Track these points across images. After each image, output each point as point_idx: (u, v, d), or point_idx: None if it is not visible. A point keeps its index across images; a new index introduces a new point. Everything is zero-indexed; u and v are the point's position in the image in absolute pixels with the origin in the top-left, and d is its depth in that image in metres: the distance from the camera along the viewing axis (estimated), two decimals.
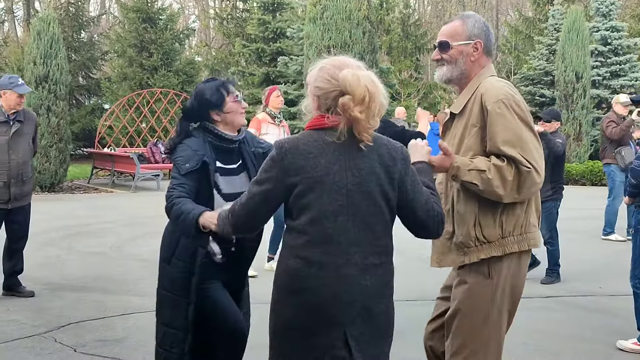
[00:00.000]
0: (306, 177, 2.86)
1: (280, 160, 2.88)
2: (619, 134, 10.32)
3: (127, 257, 9.52)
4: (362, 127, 2.85)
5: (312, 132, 2.94)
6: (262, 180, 2.92)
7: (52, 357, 5.50)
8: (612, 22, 23.38)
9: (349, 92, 2.84)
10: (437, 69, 3.59)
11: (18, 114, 7.16)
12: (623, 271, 8.68)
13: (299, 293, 2.90)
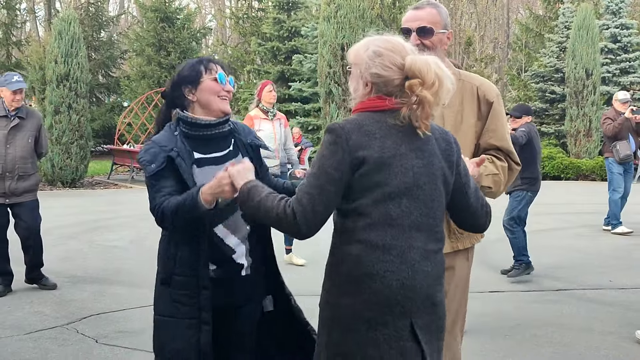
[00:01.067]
0: (374, 157, 2.60)
1: (345, 141, 2.60)
2: (612, 131, 10.61)
3: (146, 251, 9.53)
4: (426, 112, 2.65)
5: (371, 113, 2.69)
6: (331, 167, 2.59)
7: (74, 347, 5.53)
8: (621, 19, 23.23)
9: (419, 77, 2.65)
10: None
11: (20, 111, 7.17)
12: (632, 264, 8.70)
13: (362, 280, 2.61)
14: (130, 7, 45.19)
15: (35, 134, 7.31)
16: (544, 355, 5.45)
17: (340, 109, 19.27)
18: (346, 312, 2.64)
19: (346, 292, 2.64)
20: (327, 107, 20.01)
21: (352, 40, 18.48)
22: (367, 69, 2.73)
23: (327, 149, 2.62)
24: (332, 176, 2.59)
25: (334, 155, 2.60)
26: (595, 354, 5.47)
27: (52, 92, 16.68)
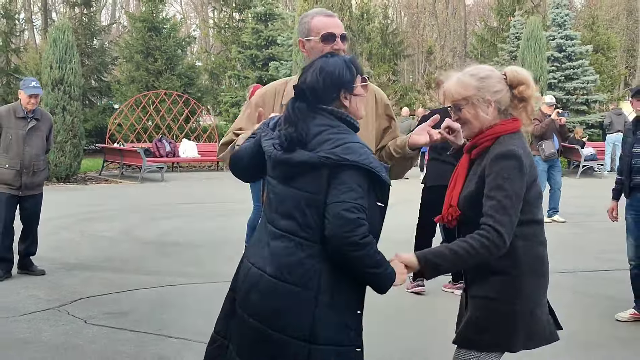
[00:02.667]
0: (534, 174, 2.83)
1: (524, 166, 2.74)
2: (539, 131, 10.81)
3: (133, 240, 9.52)
4: (532, 109, 2.89)
5: (518, 134, 2.85)
6: (520, 189, 2.74)
7: (64, 327, 5.52)
8: (566, 31, 23.49)
9: (525, 83, 2.85)
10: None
11: (35, 112, 7.26)
12: (565, 250, 8.81)
13: (544, 274, 2.91)
14: (121, 17, 44.85)
15: (47, 134, 7.43)
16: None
17: None
18: (533, 303, 2.87)
19: (535, 285, 2.88)
20: None
21: None
22: (485, 92, 2.82)
23: (513, 174, 2.72)
24: (520, 197, 2.73)
25: (520, 179, 2.73)
26: None
27: (47, 95, 16.49)
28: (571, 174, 19.43)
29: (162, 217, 11.38)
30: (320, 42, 3.27)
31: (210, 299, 6.23)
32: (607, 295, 6.71)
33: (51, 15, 35.20)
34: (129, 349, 5.03)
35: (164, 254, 8.50)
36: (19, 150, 7.10)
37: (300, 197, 2.56)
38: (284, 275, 2.54)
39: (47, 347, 5.05)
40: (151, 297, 6.48)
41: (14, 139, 7.11)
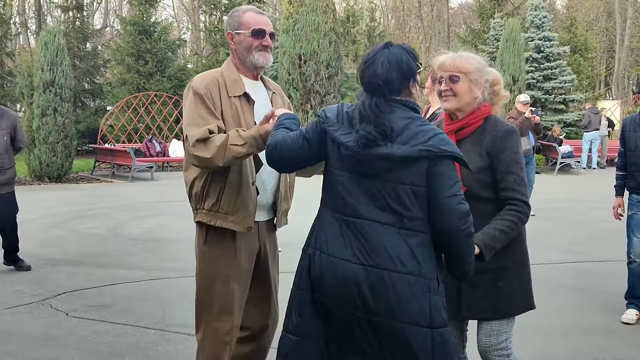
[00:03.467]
0: None
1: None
2: None
3: (120, 236, 9.55)
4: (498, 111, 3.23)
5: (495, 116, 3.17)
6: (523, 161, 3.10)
7: (46, 320, 5.56)
8: (544, 32, 23.58)
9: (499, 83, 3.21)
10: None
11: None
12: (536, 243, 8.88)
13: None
14: (114, 20, 44.76)
15: (11, 132, 7.20)
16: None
17: (299, 111, 19.29)
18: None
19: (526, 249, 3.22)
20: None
21: (309, 50, 18.57)
22: (483, 75, 3.05)
23: (519, 148, 3.02)
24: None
25: (521, 151, 3.06)
26: None
27: (39, 97, 16.49)
28: (549, 170, 19.56)
29: (148, 215, 11.40)
30: (250, 37, 3.31)
31: (188, 292, 6.31)
32: (576, 287, 6.79)
33: (46, 19, 35.11)
34: (107, 339, 5.07)
35: (148, 249, 8.54)
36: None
37: (401, 189, 2.55)
38: (398, 266, 2.53)
39: (28, 338, 5.09)
40: (132, 291, 6.52)
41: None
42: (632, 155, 5.53)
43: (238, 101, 3.30)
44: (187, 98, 3.30)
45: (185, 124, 3.26)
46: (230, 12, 3.46)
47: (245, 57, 3.34)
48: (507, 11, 30.28)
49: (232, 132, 3.10)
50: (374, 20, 42.76)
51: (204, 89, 3.26)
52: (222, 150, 3.05)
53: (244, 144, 3.04)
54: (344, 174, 2.64)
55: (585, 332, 5.29)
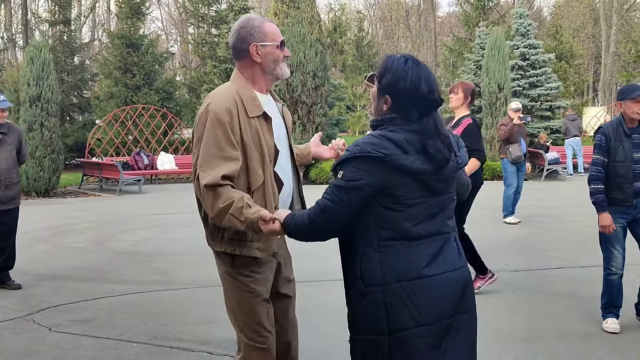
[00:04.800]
0: None
1: None
2: (503, 135, 11.06)
3: (105, 250, 9.55)
4: None
5: None
6: None
7: (29, 335, 5.56)
8: (529, 40, 23.78)
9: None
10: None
11: (2, 127, 7.12)
12: (524, 250, 8.97)
13: None
14: (101, 34, 44.78)
15: (17, 146, 7.28)
16: None
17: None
18: None
19: None
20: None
21: (295, 61, 18.62)
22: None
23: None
24: None
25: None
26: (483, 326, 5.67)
27: (25, 111, 16.51)
28: (536, 177, 19.65)
29: (135, 228, 11.41)
30: (277, 48, 3.21)
31: (171, 305, 6.34)
32: (557, 292, 6.84)
33: (33, 34, 35.07)
34: (89, 353, 5.08)
35: (133, 263, 8.54)
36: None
37: (453, 198, 2.77)
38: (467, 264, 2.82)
39: (9, 354, 5.09)
40: (116, 305, 6.53)
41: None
42: (621, 167, 5.36)
43: (257, 121, 3.12)
44: (204, 123, 3.03)
45: (202, 154, 3.00)
46: (241, 23, 3.23)
47: (273, 69, 3.21)
48: (493, 19, 30.49)
49: (239, 201, 2.91)
50: (362, 30, 42.90)
51: (225, 114, 3.03)
52: (223, 214, 2.94)
53: (243, 222, 2.92)
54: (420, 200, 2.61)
55: (565, 338, 5.34)
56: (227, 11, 29.44)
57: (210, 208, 2.97)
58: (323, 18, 34.55)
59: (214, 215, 2.97)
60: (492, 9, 31.13)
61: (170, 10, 58.82)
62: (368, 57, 41.12)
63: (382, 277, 2.57)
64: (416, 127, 2.59)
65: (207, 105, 3.05)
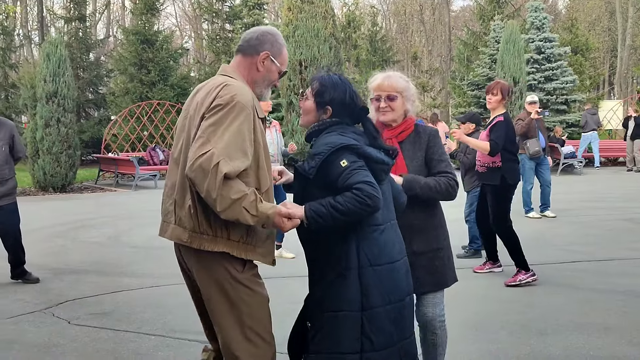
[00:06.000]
0: None
1: None
2: (520, 130, 10.60)
3: (122, 245, 9.63)
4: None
5: None
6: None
7: (49, 328, 5.63)
8: (545, 33, 23.66)
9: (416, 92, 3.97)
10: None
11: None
12: (543, 244, 8.95)
13: None
14: (116, 30, 44.97)
15: (9, 142, 7.13)
16: (456, 320, 5.64)
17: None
18: None
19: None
20: (289, 115, 20.14)
21: (309, 56, 18.66)
22: (409, 93, 3.71)
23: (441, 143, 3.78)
24: None
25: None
26: (500, 318, 5.68)
27: (42, 108, 16.63)
28: (552, 171, 19.54)
29: (150, 223, 11.43)
30: (277, 74, 3.23)
31: (188, 298, 6.37)
32: (573, 286, 6.83)
33: (49, 30, 35.28)
34: (108, 346, 5.14)
35: (149, 257, 8.61)
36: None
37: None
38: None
39: (30, 346, 5.16)
40: (133, 298, 6.59)
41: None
42: None
43: (260, 122, 3.10)
44: (230, 111, 2.90)
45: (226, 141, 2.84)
46: (271, 31, 3.23)
47: (260, 85, 3.20)
48: (508, 13, 30.33)
49: (252, 194, 2.85)
50: (375, 25, 42.76)
51: (250, 110, 2.98)
52: (236, 206, 2.80)
53: (255, 217, 2.85)
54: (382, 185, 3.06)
55: (582, 331, 5.33)
56: (241, 7, 29.46)
57: (220, 198, 2.77)
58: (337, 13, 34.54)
59: (224, 205, 2.78)
60: (507, 2, 30.95)
61: (184, 6, 58.98)
62: (382, 51, 40.94)
63: (359, 261, 2.95)
64: (357, 130, 3.12)
65: (233, 96, 2.93)
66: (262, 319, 3.07)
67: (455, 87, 28.65)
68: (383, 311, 2.95)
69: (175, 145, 3.15)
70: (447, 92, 38.73)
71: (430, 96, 42.19)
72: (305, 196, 3.01)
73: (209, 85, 3.08)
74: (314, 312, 3.05)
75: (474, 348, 4.97)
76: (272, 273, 3.77)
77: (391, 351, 2.97)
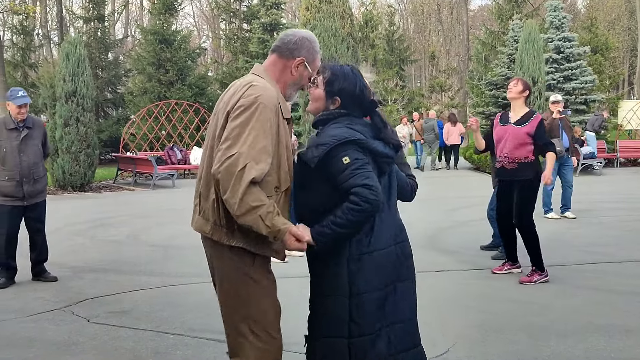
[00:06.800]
0: None
1: None
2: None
3: (140, 243, 9.67)
4: None
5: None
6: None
7: (68, 326, 5.66)
8: (564, 33, 23.46)
9: None
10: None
11: (27, 121, 7.21)
12: (561, 245, 8.88)
13: None
14: (134, 30, 45.23)
15: (42, 139, 7.39)
16: (475, 321, 5.62)
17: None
18: None
19: None
20: (306, 115, 20.16)
21: (327, 56, 18.63)
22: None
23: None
24: None
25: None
26: (519, 320, 5.65)
27: (61, 107, 16.75)
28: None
29: (169, 222, 11.53)
30: (308, 80, 3.23)
31: (207, 297, 6.39)
32: (594, 287, 6.77)
33: (68, 30, 35.57)
34: (127, 344, 5.16)
35: (168, 256, 8.64)
36: (15, 161, 7.06)
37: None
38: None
39: (50, 344, 5.20)
40: (152, 297, 6.62)
41: (8, 151, 7.07)
42: None
43: (285, 123, 3.13)
44: (254, 112, 2.94)
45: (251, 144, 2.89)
46: (309, 37, 3.25)
47: (290, 88, 3.24)
48: (526, 12, 30.17)
49: (270, 206, 2.90)
50: (393, 24, 42.70)
51: (274, 111, 3.00)
52: (252, 212, 2.86)
53: (268, 228, 2.89)
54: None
55: (603, 332, 5.28)
56: (258, 6, 29.49)
57: (240, 202, 2.84)
58: (354, 12, 34.53)
59: (242, 210, 2.85)
60: (526, 1, 30.81)
61: (202, 5, 59.27)
62: (399, 51, 40.89)
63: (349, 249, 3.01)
64: (365, 122, 3.14)
65: (257, 97, 2.96)
66: (268, 313, 3.11)
67: (473, 87, 28.51)
68: (369, 297, 3.01)
69: (206, 141, 3.24)
70: (465, 91, 38.56)
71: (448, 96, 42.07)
72: (305, 183, 3.09)
73: (238, 84, 3.13)
74: (310, 297, 3.20)
75: (494, 350, 4.94)
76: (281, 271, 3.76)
77: (377, 335, 3.02)
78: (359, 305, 3.00)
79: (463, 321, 5.64)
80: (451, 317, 5.76)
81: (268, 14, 26.54)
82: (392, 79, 36.05)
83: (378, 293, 3.03)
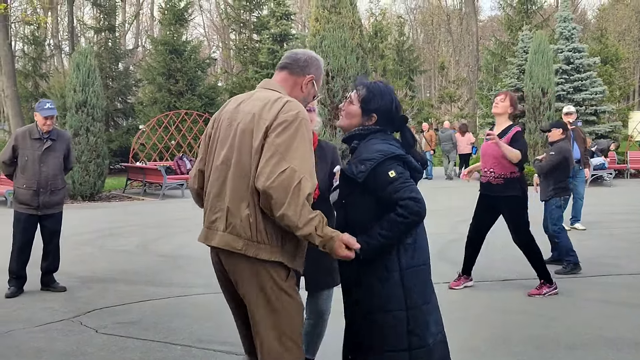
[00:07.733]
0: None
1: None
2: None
3: (149, 253, 9.69)
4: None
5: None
6: None
7: (77, 337, 5.68)
8: (574, 44, 23.45)
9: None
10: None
11: (52, 133, 7.26)
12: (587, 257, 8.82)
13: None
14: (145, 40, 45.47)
15: (65, 152, 7.41)
16: (483, 334, 5.60)
17: (327, 127, 19.39)
18: None
19: None
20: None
21: (336, 66, 18.63)
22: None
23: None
24: None
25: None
26: (526, 331, 5.63)
27: (71, 117, 16.85)
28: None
29: (178, 232, 11.55)
30: (312, 97, 3.36)
31: (215, 308, 6.40)
32: (604, 300, 6.74)
33: (79, 40, 35.78)
34: (134, 355, 5.17)
35: (177, 266, 8.66)
36: (34, 170, 7.13)
37: None
38: None
39: (59, 354, 5.21)
40: (160, 307, 6.63)
41: (29, 159, 7.14)
42: None
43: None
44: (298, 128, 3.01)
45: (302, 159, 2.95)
46: (318, 58, 3.36)
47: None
48: (536, 23, 30.16)
49: (320, 216, 2.99)
50: (402, 35, 42.74)
51: (309, 127, 3.11)
52: (311, 224, 2.94)
53: (320, 237, 2.97)
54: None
55: (613, 346, 5.25)
56: (268, 17, 29.65)
57: (300, 216, 2.90)
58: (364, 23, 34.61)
59: (303, 223, 2.91)
60: (535, 12, 30.80)
61: (212, 16, 59.53)
62: (409, 61, 40.90)
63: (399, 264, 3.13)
64: (396, 138, 3.29)
65: (298, 112, 3.04)
66: (298, 325, 3.17)
67: (483, 98, 28.53)
68: (424, 309, 3.17)
69: (217, 154, 3.21)
70: (475, 102, 38.54)
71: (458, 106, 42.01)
72: (349, 198, 3.19)
73: (261, 98, 3.15)
74: (354, 313, 3.25)
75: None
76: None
77: (434, 343, 3.19)
78: (416, 317, 3.13)
79: (470, 332, 5.62)
80: (458, 328, 5.73)
81: (278, 25, 26.66)
82: (402, 89, 36.10)
83: (427, 305, 3.20)
